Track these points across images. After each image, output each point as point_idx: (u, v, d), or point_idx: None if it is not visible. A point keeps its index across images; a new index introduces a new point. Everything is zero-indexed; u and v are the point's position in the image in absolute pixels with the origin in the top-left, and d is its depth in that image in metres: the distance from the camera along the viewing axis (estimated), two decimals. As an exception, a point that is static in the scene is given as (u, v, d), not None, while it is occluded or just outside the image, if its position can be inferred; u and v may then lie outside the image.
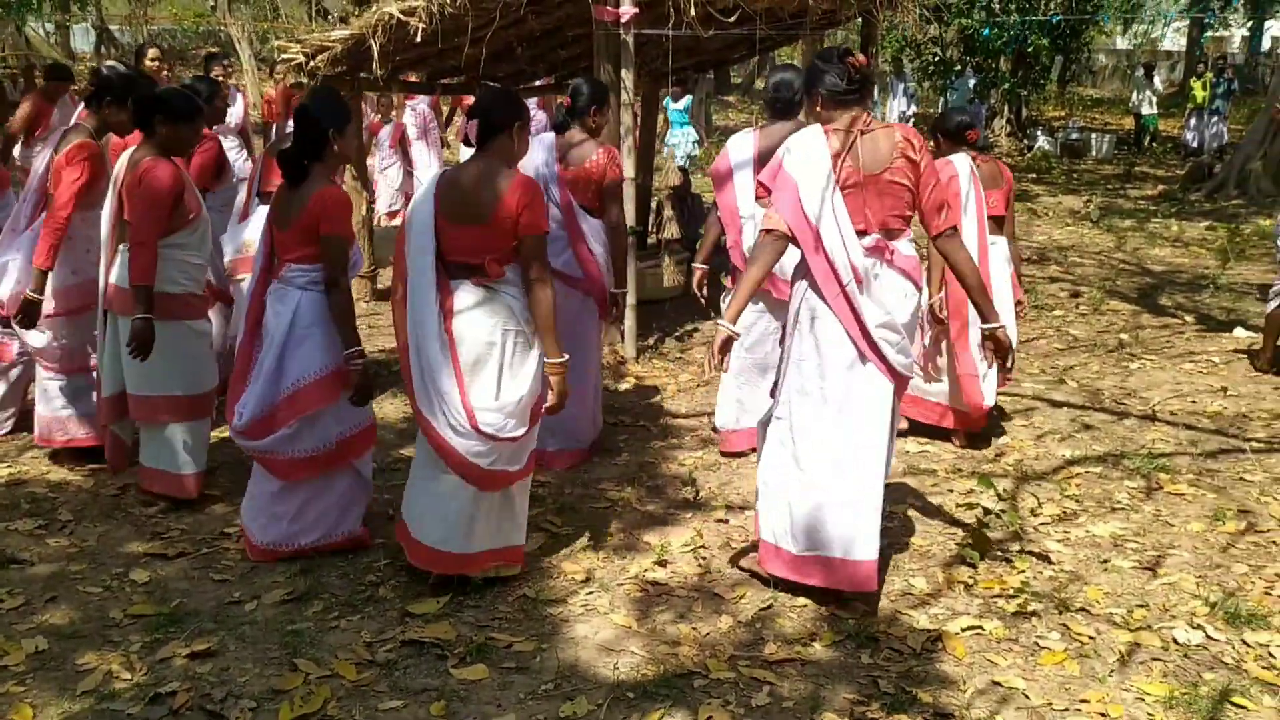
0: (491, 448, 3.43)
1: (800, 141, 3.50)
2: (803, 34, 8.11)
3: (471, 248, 3.41)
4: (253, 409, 3.71)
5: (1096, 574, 3.84)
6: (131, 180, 4.08)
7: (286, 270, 3.75)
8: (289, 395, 3.70)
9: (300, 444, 3.76)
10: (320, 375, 3.71)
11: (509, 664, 3.21)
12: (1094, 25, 18.89)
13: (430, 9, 5.80)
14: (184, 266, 4.22)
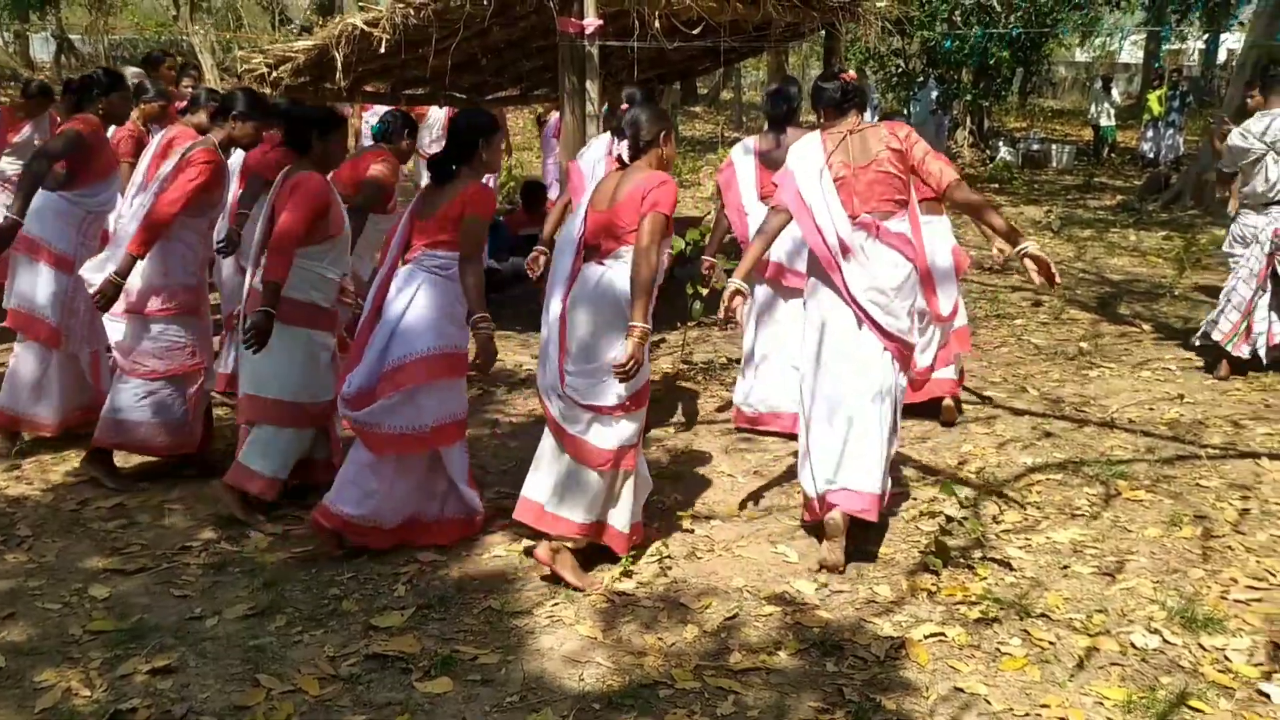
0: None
1: (801, 144, 4.17)
2: (767, 46, 8.19)
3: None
4: (360, 380, 3.94)
5: (1057, 580, 3.88)
6: (283, 191, 4.22)
7: (420, 254, 4.00)
8: (393, 368, 3.91)
9: (396, 419, 3.92)
10: (425, 354, 3.93)
11: (474, 676, 3.20)
12: (1053, 38, 19.15)
13: (394, 20, 5.80)
14: (316, 279, 4.31)
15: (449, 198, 3.96)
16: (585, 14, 5.60)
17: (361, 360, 3.98)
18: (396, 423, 3.91)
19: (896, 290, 4.03)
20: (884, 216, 4.07)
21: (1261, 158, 6.22)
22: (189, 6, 19.22)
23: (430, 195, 4.05)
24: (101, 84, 4.95)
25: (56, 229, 4.94)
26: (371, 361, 3.95)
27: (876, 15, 7.55)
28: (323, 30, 6.47)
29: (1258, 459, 5.09)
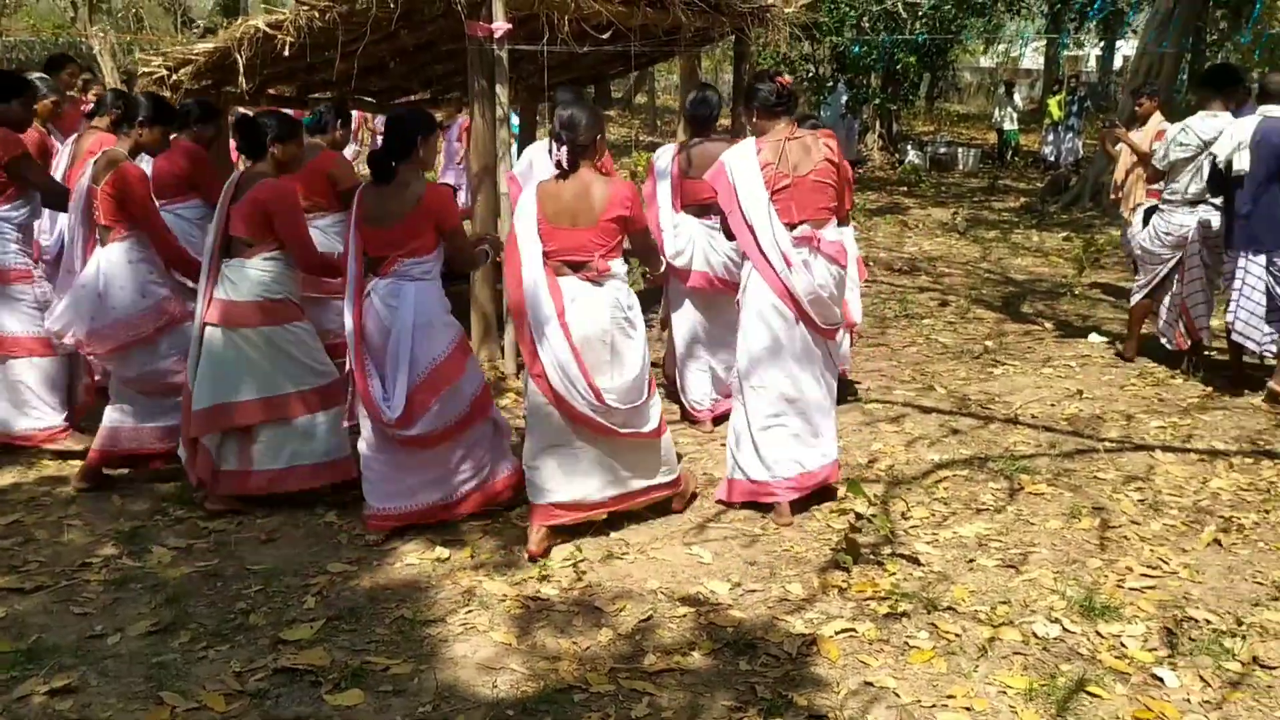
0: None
1: (736, 157, 4.30)
2: (678, 50, 8.24)
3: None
4: (398, 400, 4.05)
5: (963, 573, 3.98)
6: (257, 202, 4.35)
7: (398, 266, 4.10)
8: (424, 379, 4.09)
9: (445, 416, 4.15)
10: (448, 352, 4.15)
11: (385, 687, 3.16)
12: (958, 44, 19.62)
13: (298, 23, 5.70)
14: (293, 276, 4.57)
15: (409, 206, 4.06)
16: (494, 18, 5.57)
17: (384, 379, 4.12)
18: (448, 416, 4.16)
19: (832, 296, 4.37)
20: (819, 225, 4.33)
21: (1195, 157, 6.32)
22: (88, 8, 18.65)
23: (378, 199, 4.12)
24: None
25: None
26: (402, 377, 4.06)
27: (785, 21, 7.65)
28: (225, 32, 6.33)
29: (1151, 451, 5.28)
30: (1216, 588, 3.87)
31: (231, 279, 4.38)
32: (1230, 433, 5.59)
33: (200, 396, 4.37)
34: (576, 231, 3.99)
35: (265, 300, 4.39)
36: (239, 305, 4.37)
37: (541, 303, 3.95)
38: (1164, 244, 6.60)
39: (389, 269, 4.11)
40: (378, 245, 4.12)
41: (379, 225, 4.09)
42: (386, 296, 4.10)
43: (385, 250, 4.11)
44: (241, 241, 4.40)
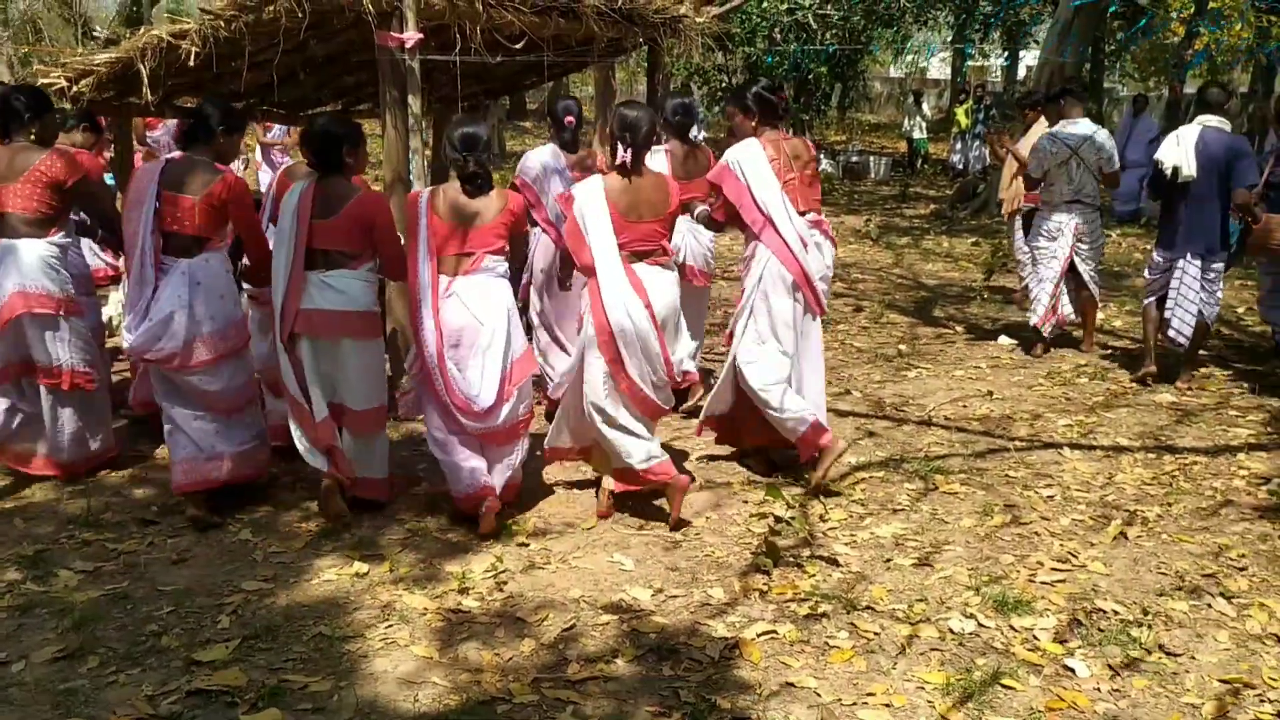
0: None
1: (744, 155, 4.78)
2: (591, 61, 8.25)
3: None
4: (488, 393, 4.27)
5: (880, 573, 4.05)
6: (372, 213, 4.36)
7: (485, 262, 4.32)
8: (509, 372, 4.33)
9: (517, 410, 4.40)
10: (526, 346, 4.46)
11: (304, 706, 3.10)
12: (867, 55, 20.00)
13: (203, 32, 5.57)
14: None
15: (497, 205, 4.38)
16: (405, 28, 5.52)
17: (468, 378, 4.31)
18: (519, 410, 4.42)
19: (826, 277, 5.10)
20: (812, 213, 4.99)
21: (1066, 161, 6.97)
22: (-18, 17, 18.06)
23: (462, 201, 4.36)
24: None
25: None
26: (491, 370, 4.30)
27: (698, 31, 7.71)
28: (127, 42, 6.17)
29: (1059, 449, 5.43)
30: (1123, 579, 3.99)
31: (337, 288, 4.31)
32: (1134, 429, 5.78)
33: (319, 404, 4.34)
34: (645, 224, 4.40)
35: (368, 312, 4.42)
36: (345, 315, 4.34)
37: (627, 290, 4.30)
38: (1047, 239, 7.23)
39: (475, 266, 4.30)
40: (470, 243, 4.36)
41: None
42: (475, 292, 4.30)
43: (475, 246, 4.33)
44: (343, 254, 4.34)
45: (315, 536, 4.33)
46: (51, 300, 4.64)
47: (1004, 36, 23.48)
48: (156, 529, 4.38)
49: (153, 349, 4.32)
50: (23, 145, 4.70)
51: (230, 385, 4.50)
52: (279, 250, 4.35)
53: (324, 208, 4.32)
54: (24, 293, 4.59)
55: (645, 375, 4.38)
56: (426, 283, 4.30)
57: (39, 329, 4.63)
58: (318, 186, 4.36)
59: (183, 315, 4.33)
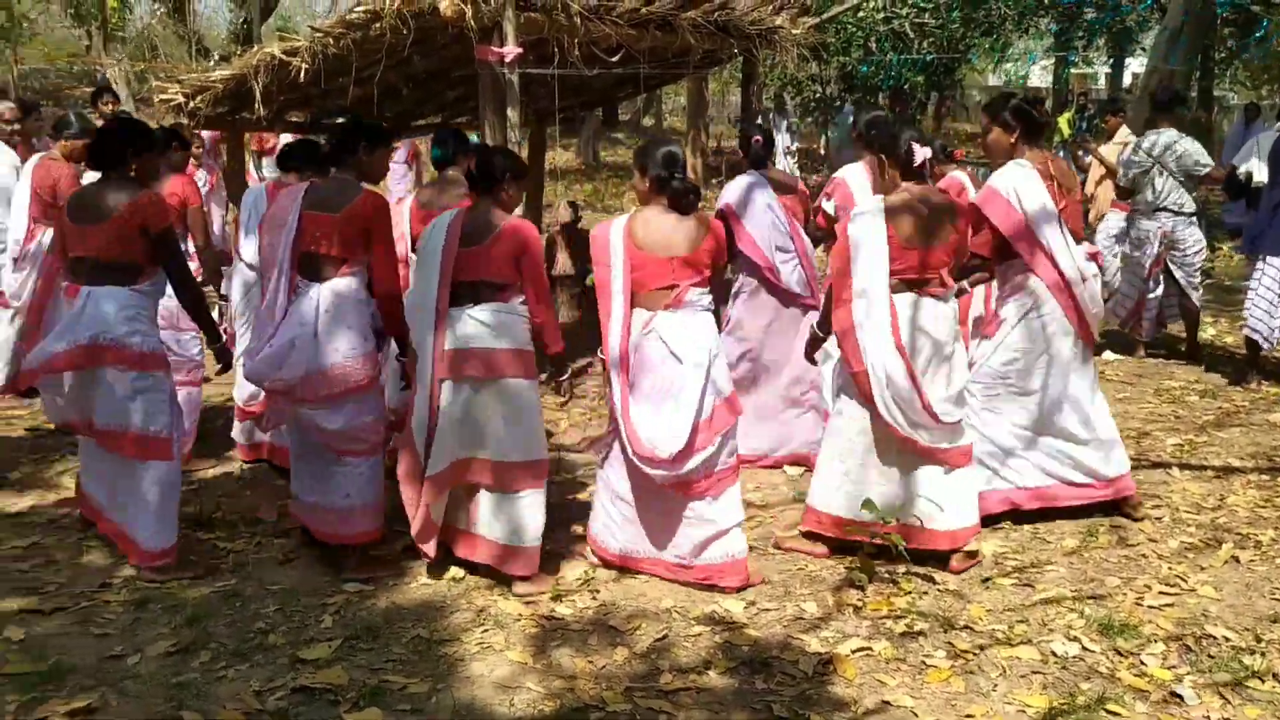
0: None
1: (1019, 181, 4.35)
2: (686, 73, 8.30)
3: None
4: (678, 437, 3.83)
5: (979, 592, 3.97)
6: (527, 241, 3.94)
7: (689, 295, 3.92)
8: (708, 418, 3.88)
9: (713, 463, 3.93)
10: (731, 392, 4.01)
11: (403, 706, 3.17)
12: (965, 63, 19.69)
13: (313, 49, 5.76)
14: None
15: (695, 230, 3.96)
16: (505, 42, 5.63)
17: (662, 415, 3.88)
18: (715, 463, 3.94)
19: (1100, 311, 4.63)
20: (1086, 243, 4.60)
21: (1149, 170, 7.08)
22: (102, 37, 18.85)
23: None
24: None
25: None
26: (686, 413, 3.85)
27: (793, 42, 7.69)
28: (241, 59, 6.41)
29: (1168, 469, 5.27)
30: (1235, 605, 3.85)
31: (488, 324, 3.90)
32: (1246, 449, 5.57)
33: (438, 458, 3.89)
34: (932, 250, 4.01)
35: (522, 349, 3.98)
36: (496, 354, 3.92)
37: (883, 321, 3.97)
38: (1133, 246, 7.38)
39: (679, 300, 3.91)
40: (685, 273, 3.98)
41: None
42: (677, 329, 3.90)
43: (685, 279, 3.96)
44: (492, 285, 3.93)
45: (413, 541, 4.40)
46: (127, 354, 4.01)
47: (1109, 43, 22.89)
48: (264, 529, 4.52)
49: (270, 377, 4.00)
50: (117, 182, 4.08)
51: (351, 425, 4.02)
52: (423, 283, 3.96)
53: (472, 235, 3.94)
54: (96, 345, 3.96)
55: (916, 423, 4.01)
56: (619, 319, 3.93)
57: (108, 384, 4.01)
58: (466, 214, 4.01)
59: (305, 344, 3.94)
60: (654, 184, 3.97)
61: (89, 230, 4.02)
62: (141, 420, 4.00)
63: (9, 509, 4.65)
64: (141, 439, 4.00)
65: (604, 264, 4.00)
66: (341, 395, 3.98)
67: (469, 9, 5.35)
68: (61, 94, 22.26)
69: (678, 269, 3.91)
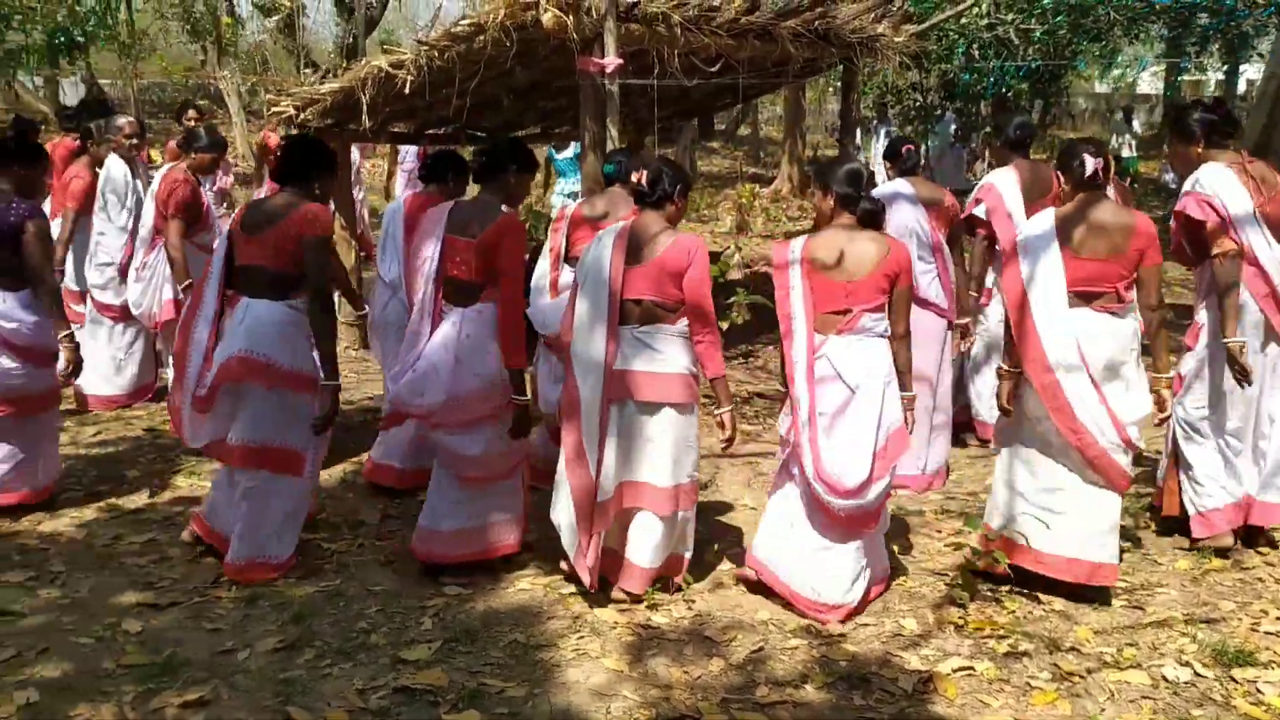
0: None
1: (1220, 181, 4.21)
2: (785, 82, 8.26)
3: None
4: (859, 467, 3.74)
5: (1086, 613, 3.86)
6: (694, 253, 3.81)
7: (863, 320, 3.81)
8: (883, 447, 3.78)
9: (884, 487, 3.84)
10: (901, 419, 3.87)
11: (501, 710, 3.21)
12: (1072, 70, 19.20)
13: (418, 62, 5.89)
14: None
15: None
16: (606, 53, 5.68)
17: (843, 445, 3.78)
18: (886, 487, 3.86)
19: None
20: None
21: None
22: (217, 51, 19.54)
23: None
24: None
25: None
26: (866, 442, 3.77)
27: (894, 50, 7.61)
28: (349, 72, 6.58)
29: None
30: (1360, 634, 3.68)
31: (655, 347, 3.82)
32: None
33: (606, 483, 3.84)
34: (1104, 262, 3.86)
35: (690, 374, 3.90)
36: (666, 379, 3.84)
37: (1063, 336, 3.85)
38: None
39: (853, 324, 3.82)
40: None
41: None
42: (848, 354, 3.82)
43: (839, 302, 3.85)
44: (659, 306, 3.85)
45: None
46: (276, 372, 4.03)
47: (1223, 49, 22.11)
48: (366, 531, 4.62)
49: (413, 403, 3.98)
50: (295, 194, 4.11)
51: (489, 452, 4.02)
52: (591, 302, 3.86)
53: (637, 253, 3.85)
54: (245, 357, 3.99)
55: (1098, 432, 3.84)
56: (803, 344, 3.85)
57: (253, 400, 4.06)
58: (631, 229, 3.91)
59: (445, 369, 3.93)
60: (839, 202, 3.89)
61: (253, 240, 4.07)
62: (283, 435, 4.07)
63: (127, 506, 4.84)
64: (282, 454, 4.07)
65: (784, 287, 3.92)
66: (479, 421, 3.98)
67: (571, 21, 5.42)
68: (178, 107, 23.11)
69: (853, 293, 3.81)
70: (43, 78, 24.52)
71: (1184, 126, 4.41)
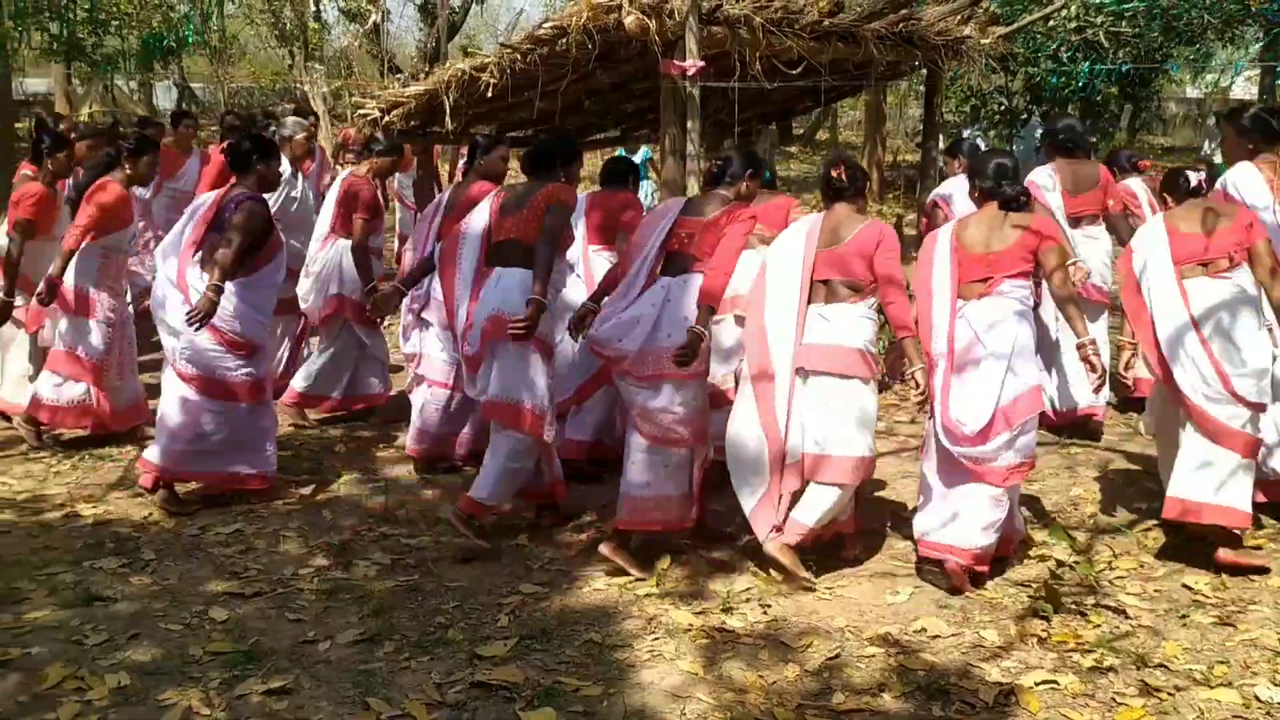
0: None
1: (1245, 176, 4.60)
2: (867, 85, 8.18)
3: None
4: (981, 417, 4.04)
5: (1175, 629, 3.75)
6: (884, 241, 4.14)
7: (1002, 285, 4.15)
8: (1008, 405, 4.04)
9: (1014, 452, 4.06)
10: (1033, 385, 4.11)
11: (576, 708, 3.22)
12: (1163, 74, 18.70)
13: (501, 64, 5.96)
14: None
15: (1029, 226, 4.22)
16: (687, 56, 5.68)
17: (968, 394, 4.09)
18: (1016, 454, 4.06)
19: None
20: None
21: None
22: (303, 56, 19.99)
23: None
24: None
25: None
26: (989, 394, 4.05)
27: (980, 53, 7.49)
28: (434, 75, 6.68)
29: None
30: None
31: (838, 322, 4.11)
32: None
33: (795, 449, 4.11)
34: (1212, 235, 4.25)
35: (869, 350, 4.13)
36: (846, 352, 4.10)
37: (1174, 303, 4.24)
38: None
39: (990, 290, 4.16)
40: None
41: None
42: (984, 316, 4.13)
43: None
44: (846, 286, 4.13)
45: (586, 546, 4.48)
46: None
47: (1323, 52, 21.37)
48: (445, 527, 4.67)
49: (610, 346, 4.26)
50: (543, 179, 4.63)
51: (669, 408, 4.19)
52: (783, 283, 4.20)
53: (831, 236, 4.19)
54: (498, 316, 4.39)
55: (1217, 393, 4.13)
56: (945, 313, 4.17)
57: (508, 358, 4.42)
58: (827, 215, 4.26)
59: (647, 323, 4.20)
60: (984, 195, 4.31)
61: (507, 219, 4.56)
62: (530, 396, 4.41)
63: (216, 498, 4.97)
64: (534, 412, 4.40)
65: (928, 261, 4.28)
66: (661, 377, 4.19)
67: (653, 24, 5.44)
68: (265, 110, 23.68)
69: (993, 262, 4.16)
70: (138, 81, 25.28)
71: (1237, 126, 4.79)
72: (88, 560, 4.24)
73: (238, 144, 5.00)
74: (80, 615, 3.77)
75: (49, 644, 3.56)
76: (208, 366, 4.76)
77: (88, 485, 5.13)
